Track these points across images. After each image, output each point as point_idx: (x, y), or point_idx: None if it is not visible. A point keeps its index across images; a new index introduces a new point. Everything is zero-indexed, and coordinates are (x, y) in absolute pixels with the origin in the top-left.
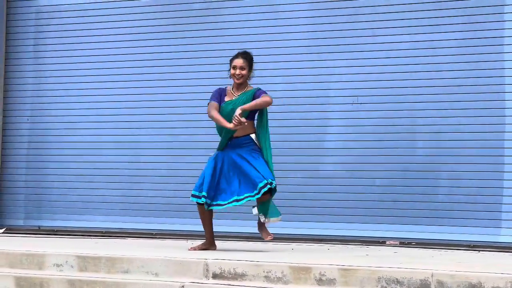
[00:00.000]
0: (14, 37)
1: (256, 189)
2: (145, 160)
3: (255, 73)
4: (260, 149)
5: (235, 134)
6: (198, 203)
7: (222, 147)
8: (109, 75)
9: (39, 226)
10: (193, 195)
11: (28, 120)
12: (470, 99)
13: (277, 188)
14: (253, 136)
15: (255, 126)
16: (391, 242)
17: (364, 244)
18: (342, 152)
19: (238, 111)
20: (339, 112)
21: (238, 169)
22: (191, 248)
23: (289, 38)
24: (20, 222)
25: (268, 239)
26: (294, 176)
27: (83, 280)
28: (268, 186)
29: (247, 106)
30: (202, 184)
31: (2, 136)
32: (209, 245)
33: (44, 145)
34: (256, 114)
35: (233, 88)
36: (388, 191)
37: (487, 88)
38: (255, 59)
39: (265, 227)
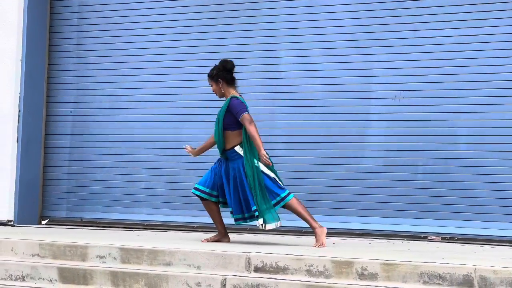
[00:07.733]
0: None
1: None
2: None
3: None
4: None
5: (225, 147)
6: (201, 198)
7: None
8: (150, 61)
9: (81, 218)
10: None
11: (71, 112)
12: None
13: (318, 182)
14: (237, 148)
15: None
16: (433, 237)
17: (405, 239)
18: (383, 146)
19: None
20: (381, 106)
21: (233, 186)
22: (204, 240)
23: (331, 32)
24: (63, 214)
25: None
26: (335, 170)
27: (126, 272)
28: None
29: (261, 149)
30: (206, 181)
31: (46, 128)
32: (221, 237)
33: (87, 137)
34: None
35: None
36: (430, 186)
37: None
38: (296, 52)
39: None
